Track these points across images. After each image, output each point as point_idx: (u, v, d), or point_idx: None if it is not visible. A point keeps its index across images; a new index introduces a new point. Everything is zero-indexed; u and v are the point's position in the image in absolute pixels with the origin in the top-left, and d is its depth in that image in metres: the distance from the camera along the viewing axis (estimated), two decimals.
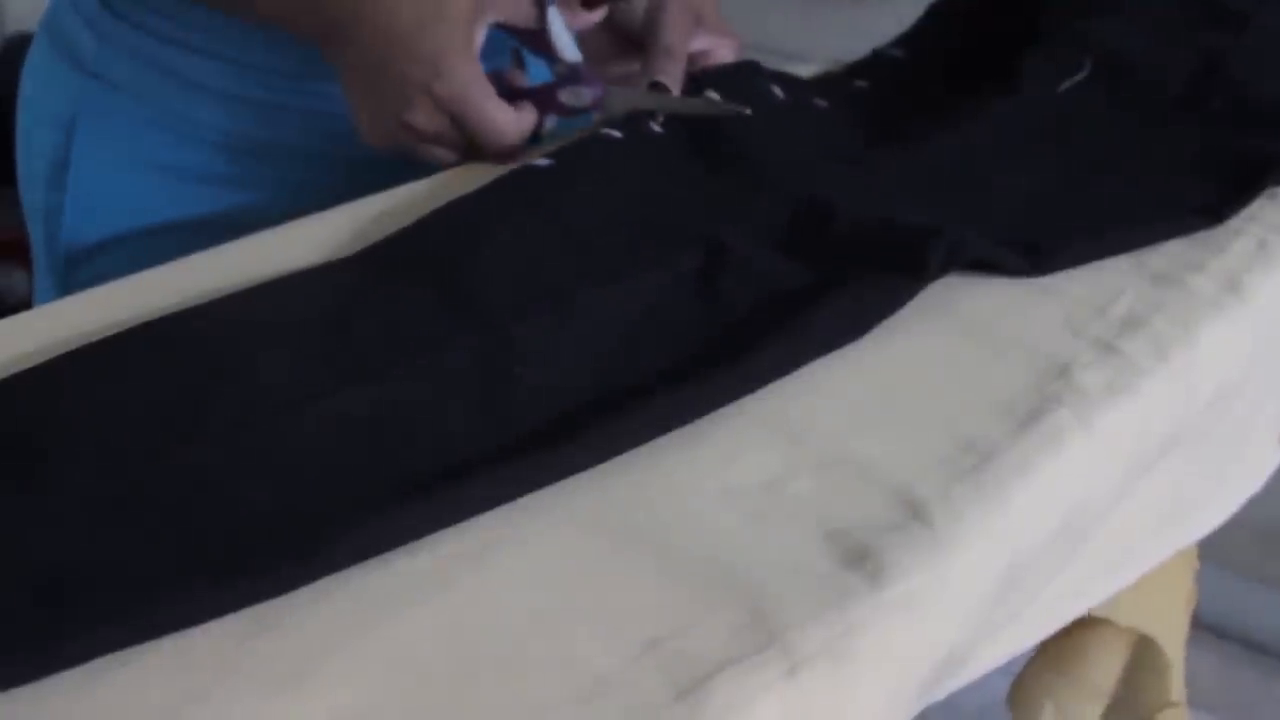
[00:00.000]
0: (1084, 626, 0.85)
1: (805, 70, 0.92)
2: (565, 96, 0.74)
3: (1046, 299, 0.63)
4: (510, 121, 0.71)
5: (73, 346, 0.53)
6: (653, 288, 0.61)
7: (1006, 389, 0.56)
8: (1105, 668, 0.88)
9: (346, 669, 0.41)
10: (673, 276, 0.62)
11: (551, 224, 0.65)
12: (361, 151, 0.74)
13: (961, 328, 0.61)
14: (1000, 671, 0.65)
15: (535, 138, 0.75)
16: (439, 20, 0.68)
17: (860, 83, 0.88)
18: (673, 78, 0.77)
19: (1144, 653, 0.90)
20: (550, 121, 0.75)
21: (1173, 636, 0.91)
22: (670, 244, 0.64)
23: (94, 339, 0.54)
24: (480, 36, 0.71)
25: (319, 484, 0.48)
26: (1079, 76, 0.82)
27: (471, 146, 0.72)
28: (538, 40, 0.74)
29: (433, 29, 0.68)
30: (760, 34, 0.84)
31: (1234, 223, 0.71)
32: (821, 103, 0.82)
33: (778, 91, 0.78)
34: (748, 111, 0.73)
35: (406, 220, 0.64)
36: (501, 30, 0.74)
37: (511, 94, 0.73)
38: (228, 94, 0.79)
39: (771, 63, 0.80)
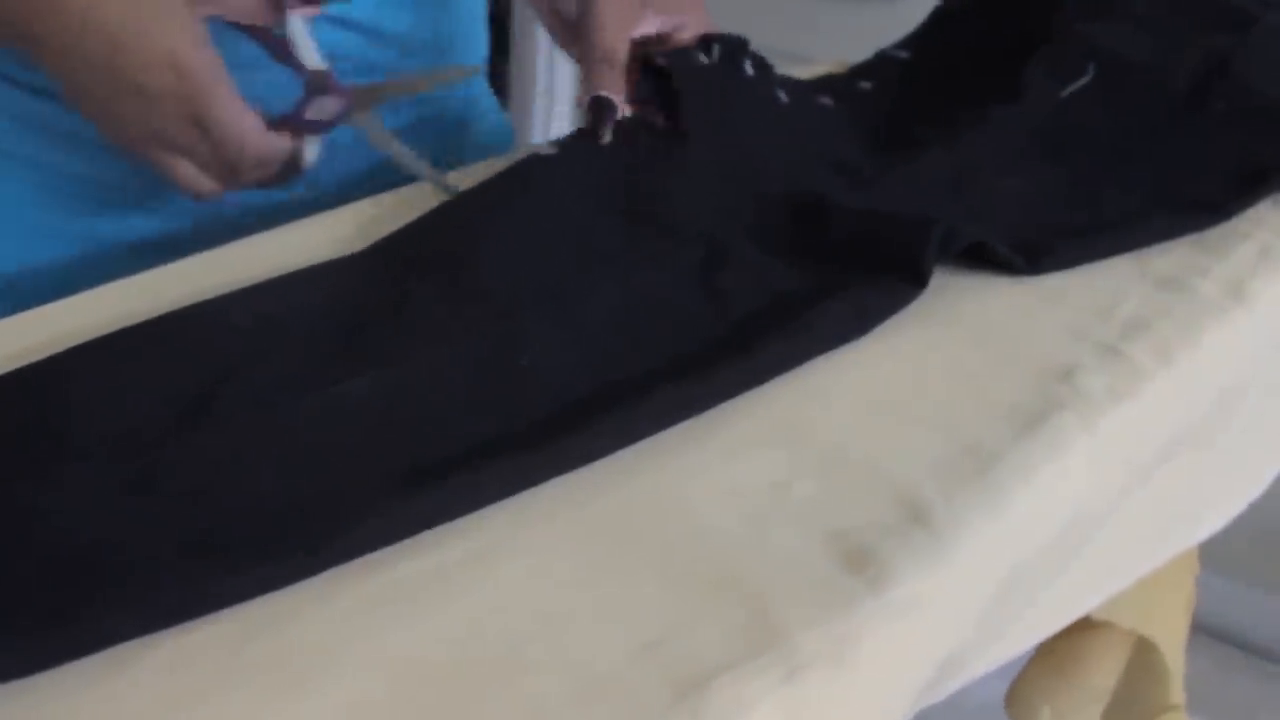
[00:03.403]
0: (1083, 629, 0.85)
1: (809, 71, 0.91)
2: (311, 112, 0.69)
3: (1050, 303, 0.63)
4: (258, 128, 0.65)
5: (77, 343, 0.53)
6: (656, 280, 0.61)
7: (1009, 393, 0.56)
8: (1104, 670, 0.88)
9: (346, 672, 0.40)
10: (675, 270, 0.62)
11: (555, 216, 0.65)
12: (263, 196, 0.70)
13: (965, 332, 0.60)
14: (1000, 675, 0.65)
15: (297, 169, 0.69)
16: (158, 17, 0.62)
17: (864, 84, 0.87)
18: (616, 88, 0.70)
19: (1144, 656, 0.90)
20: (313, 147, 0.70)
21: (1173, 640, 0.91)
22: (672, 237, 0.64)
23: (99, 335, 0.54)
24: (201, 30, 0.65)
25: (327, 473, 0.48)
26: (1083, 81, 0.81)
27: (224, 163, 0.66)
28: (278, 48, 0.69)
29: (157, 27, 0.62)
30: (764, 34, 0.83)
31: (1239, 227, 0.71)
32: (826, 100, 0.82)
33: (782, 96, 0.77)
34: (460, 189, 0.68)
35: (410, 218, 0.64)
36: (237, 30, 0.68)
37: (280, 125, 0.68)
38: (105, 144, 0.73)
39: (775, 63, 0.79)
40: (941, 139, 0.76)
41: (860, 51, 0.92)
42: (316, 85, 0.69)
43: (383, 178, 0.73)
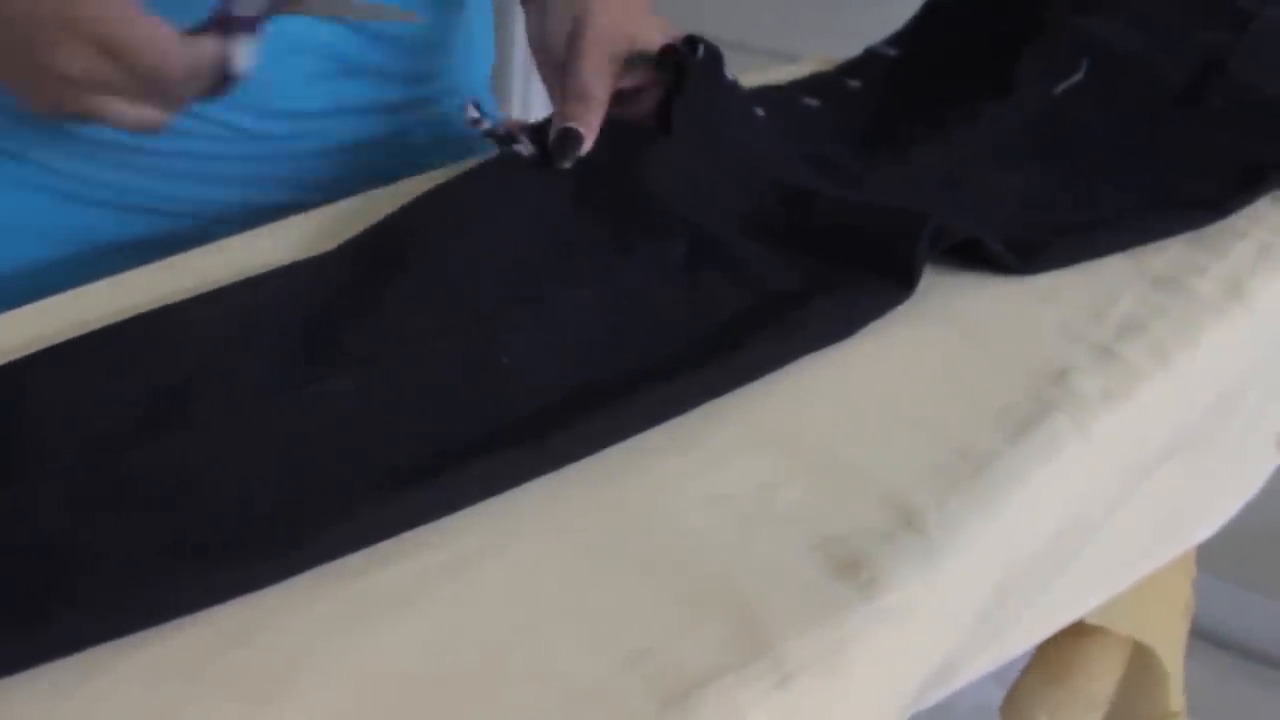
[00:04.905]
0: (1079, 635, 0.84)
1: (797, 70, 0.91)
2: (237, 8, 0.64)
3: (1043, 303, 0.63)
4: (169, 38, 0.61)
5: (50, 344, 0.53)
6: (639, 276, 0.60)
7: (1003, 395, 0.55)
8: (1101, 678, 0.87)
9: (323, 681, 0.40)
10: (659, 264, 0.61)
11: (535, 211, 0.65)
12: (270, 196, 0.69)
13: (957, 332, 0.60)
14: (994, 678, 0.64)
15: (232, 75, 0.64)
16: None
17: (853, 82, 0.87)
18: (587, 125, 0.69)
19: (1141, 662, 0.89)
20: (246, 49, 0.64)
21: (1171, 645, 0.91)
22: (655, 228, 0.64)
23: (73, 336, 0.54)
24: None
25: (306, 474, 0.47)
26: (1076, 78, 0.81)
27: (149, 86, 0.62)
28: None
29: None
30: (751, 33, 0.82)
31: (1237, 225, 0.70)
32: (812, 101, 0.81)
33: (759, 111, 0.76)
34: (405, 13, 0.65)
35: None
36: None
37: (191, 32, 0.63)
38: (122, 145, 0.73)
39: (763, 62, 0.78)
40: (932, 137, 0.76)
41: (848, 48, 0.92)
42: None
43: (376, 177, 0.73)
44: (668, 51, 0.72)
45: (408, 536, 0.45)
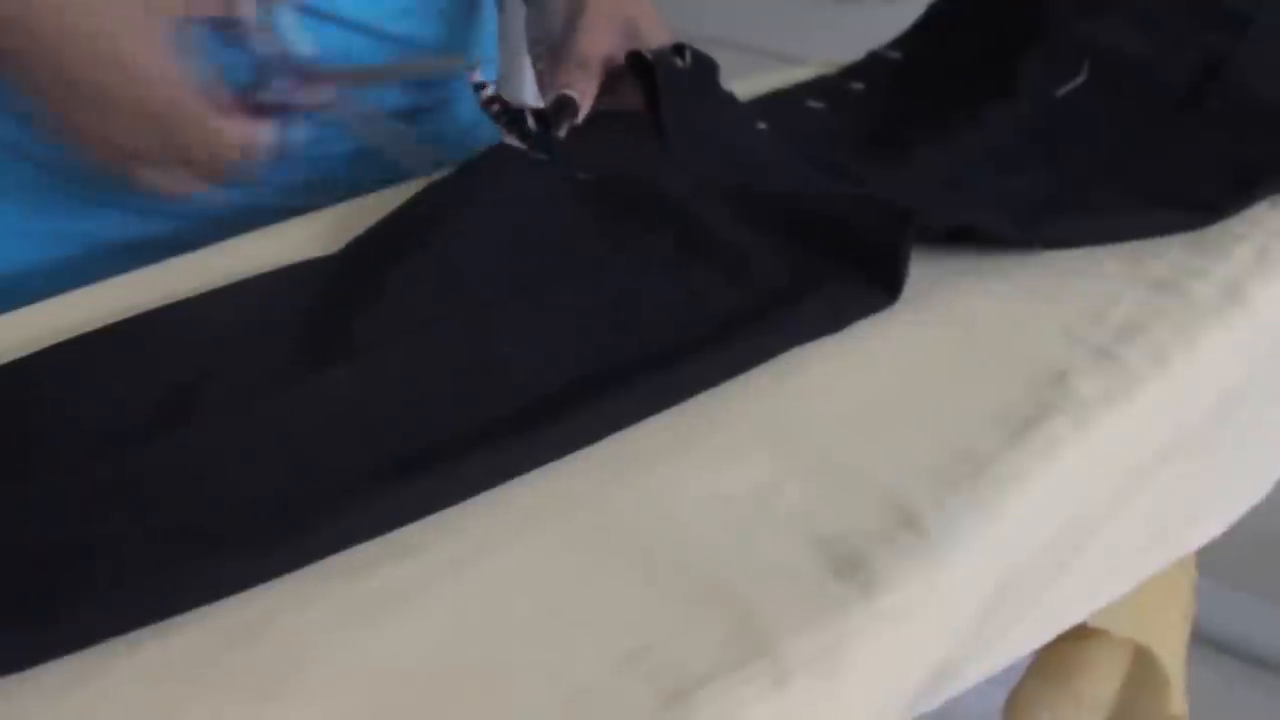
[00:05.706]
0: (1081, 638, 0.84)
1: (801, 73, 0.91)
2: (269, 95, 0.67)
3: (1044, 305, 0.62)
4: (226, 126, 0.64)
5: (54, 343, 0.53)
6: (633, 269, 0.61)
7: (1002, 396, 0.55)
8: (1103, 680, 0.87)
9: (326, 679, 0.40)
10: (652, 258, 0.62)
11: (533, 205, 0.65)
12: (277, 199, 0.70)
13: (957, 333, 0.60)
14: (996, 682, 0.64)
15: (253, 155, 0.67)
16: (126, 29, 0.62)
17: (856, 85, 0.87)
18: (582, 92, 0.70)
19: (1143, 665, 0.89)
20: (300, 126, 0.69)
21: (1172, 647, 0.91)
22: (650, 223, 0.64)
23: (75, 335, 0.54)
24: (171, 30, 0.64)
25: (308, 466, 0.47)
26: (1077, 81, 0.81)
27: (193, 164, 0.66)
28: (231, 31, 0.66)
29: (112, 31, 0.62)
30: (755, 35, 0.82)
31: (1236, 228, 0.70)
32: (816, 104, 0.81)
33: (760, 125, 0.77)
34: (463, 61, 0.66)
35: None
36: (202, 25, 0.66)
37: (250, 112, 0.66)
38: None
39: (767, 65, 0.78)
40: (934, 139, 0.76)
41: (852, 51, 0.92)
42: (273, 68, 0.67)
43: (385, 180, 0.73)
44: (637, 56, 0.72)
45: (408, 533, 0.46)
